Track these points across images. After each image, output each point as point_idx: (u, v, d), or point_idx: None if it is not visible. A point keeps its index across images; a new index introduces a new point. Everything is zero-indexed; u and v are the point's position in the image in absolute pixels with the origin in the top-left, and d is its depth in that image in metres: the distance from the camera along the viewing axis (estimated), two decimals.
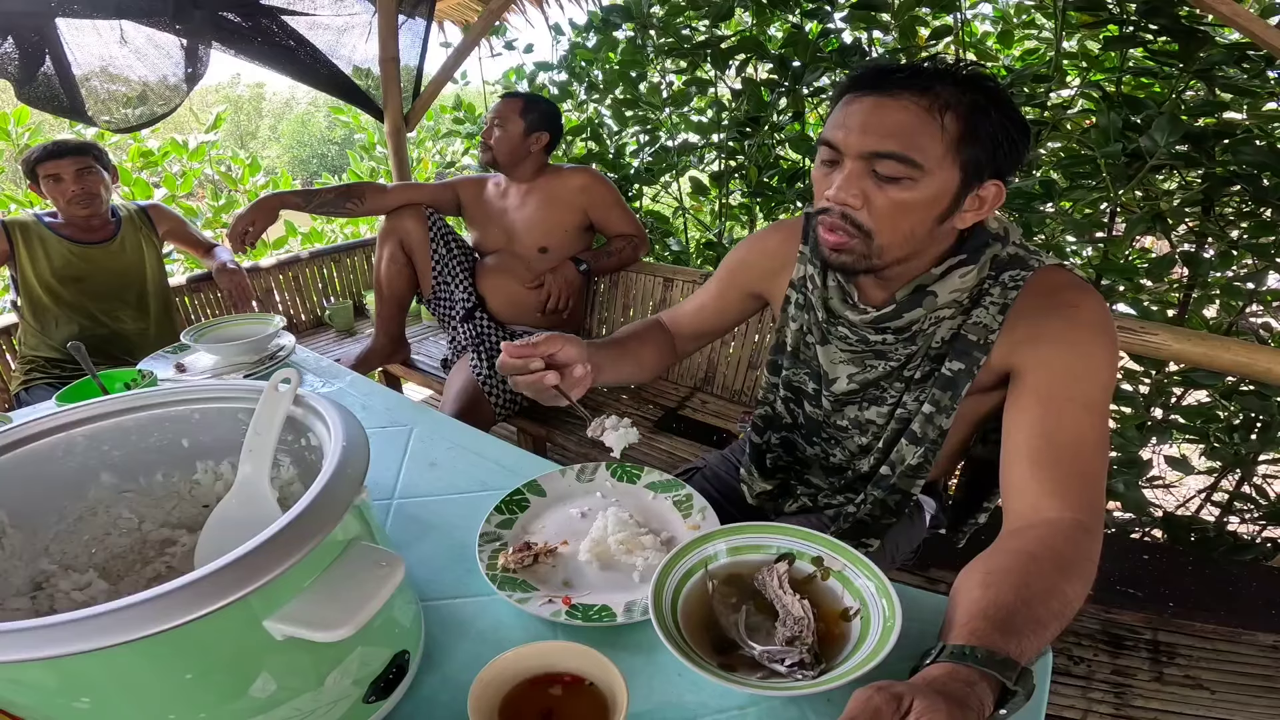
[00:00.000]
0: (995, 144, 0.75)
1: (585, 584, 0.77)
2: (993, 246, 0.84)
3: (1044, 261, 0.84)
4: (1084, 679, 1.18)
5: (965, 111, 0.74)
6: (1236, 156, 1.46)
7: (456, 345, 2.14)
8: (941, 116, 0.74)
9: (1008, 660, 0.53)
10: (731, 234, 2.69)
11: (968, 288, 0.84)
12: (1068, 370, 0.78)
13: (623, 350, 1.01)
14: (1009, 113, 0.76)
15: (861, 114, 0.76)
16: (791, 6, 2.11)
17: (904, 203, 0.76)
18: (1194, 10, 1.46)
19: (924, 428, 0.91)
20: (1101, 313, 0.80)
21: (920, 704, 0.48)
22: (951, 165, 0.75)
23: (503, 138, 1.96)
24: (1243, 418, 1.69)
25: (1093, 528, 0.70)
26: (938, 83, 0.74)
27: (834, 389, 0.98)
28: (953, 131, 0.74)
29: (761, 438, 1.13)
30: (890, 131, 0.74)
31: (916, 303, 0.85)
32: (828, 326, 0.95)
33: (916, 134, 0.74)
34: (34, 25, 1.90)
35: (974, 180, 0.77)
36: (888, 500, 0.98)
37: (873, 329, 0.89)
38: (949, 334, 0.87)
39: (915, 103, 0.74)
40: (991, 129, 0.75)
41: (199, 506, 0.75)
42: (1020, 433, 0.78)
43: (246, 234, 1.87)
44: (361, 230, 3.85)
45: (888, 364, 0.92)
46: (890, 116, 0.74)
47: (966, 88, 0.75)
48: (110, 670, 0.44)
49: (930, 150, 0.74)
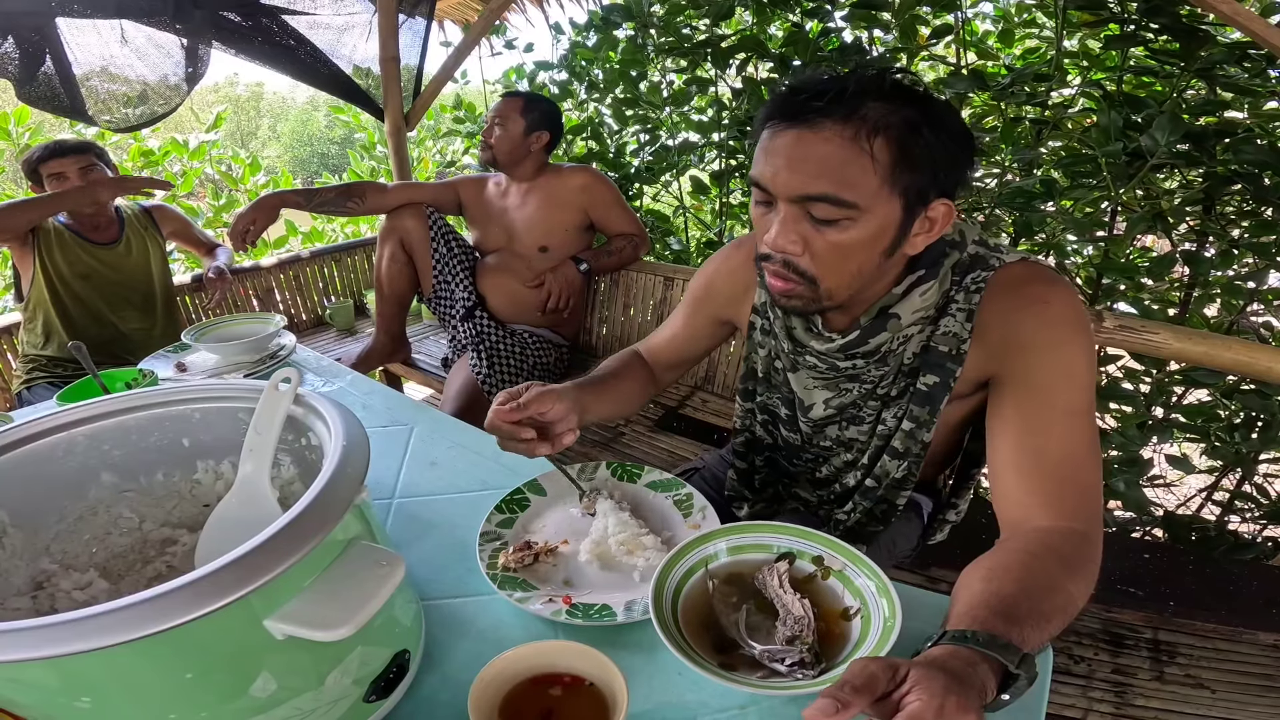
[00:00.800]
0: (933, 164, 0.69)
1: (585, 583, 0.77)
2: (950, 255, 0.80)
3: (1004, 259, 0.80)
4: (1084, 678, 1.18)
5: (896, 135, 0.67)
6: (1237, 155, 1.46)
7: (457, 344, 2.14)
8: (870, 145, 0.67)
9: (1009, 645, 0.52)
10: (732, 233, 2.69)
11: (931, 303, 0.81)
12: (1046, 377, 0.75)
13: (604, 388, 0.98)
14: (946, 125, 0.70)
15: (786, 150, 0.70)
16: (792, 5, 2.10)
17: (844, 244, 0.71)
18: (1195, 9, 1.46)
19: (905, 443, 0.90)
20: (1072, 305, 0.77)
21: (916, 673, 0.47)
22: (889, 196, 0.69)
23: (503, 137, 1.96)
24: (1243, 417, 1.69)
25: (1091, 534, 0.69)
26: (863, 103, 0.67)
27: (811, 415, 0.96)
28: (884, 160, 0.67)
29: (746, 462, 1.12)
30: (818, 171, 0.68)
31: (881, 326, 0.82)
32: (794, 356, 0.93)
33: (846, 169, 0.67)
34: (34, 25, 1.90)
35: (917, 205, 0.71)
36: (875, 510, 0.98)
37: (841, 355, 0.86)
38: (919, 347, 0.85)
39: (839, 133, 0.67)
40: (928, 148, 0.68)
41: (199, 506, 0.75)
42: (1006, 444, 0.76)
43: (247, 233, 1.88)
44: (362, 229, 3.85)
45: (862, 386, 0.90)
46: (815, 151, 0.68)
47: (895, 103, 0.68)
48: (111, 670, 0.44)
49: (864, 185, 0.68)
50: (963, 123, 0.73)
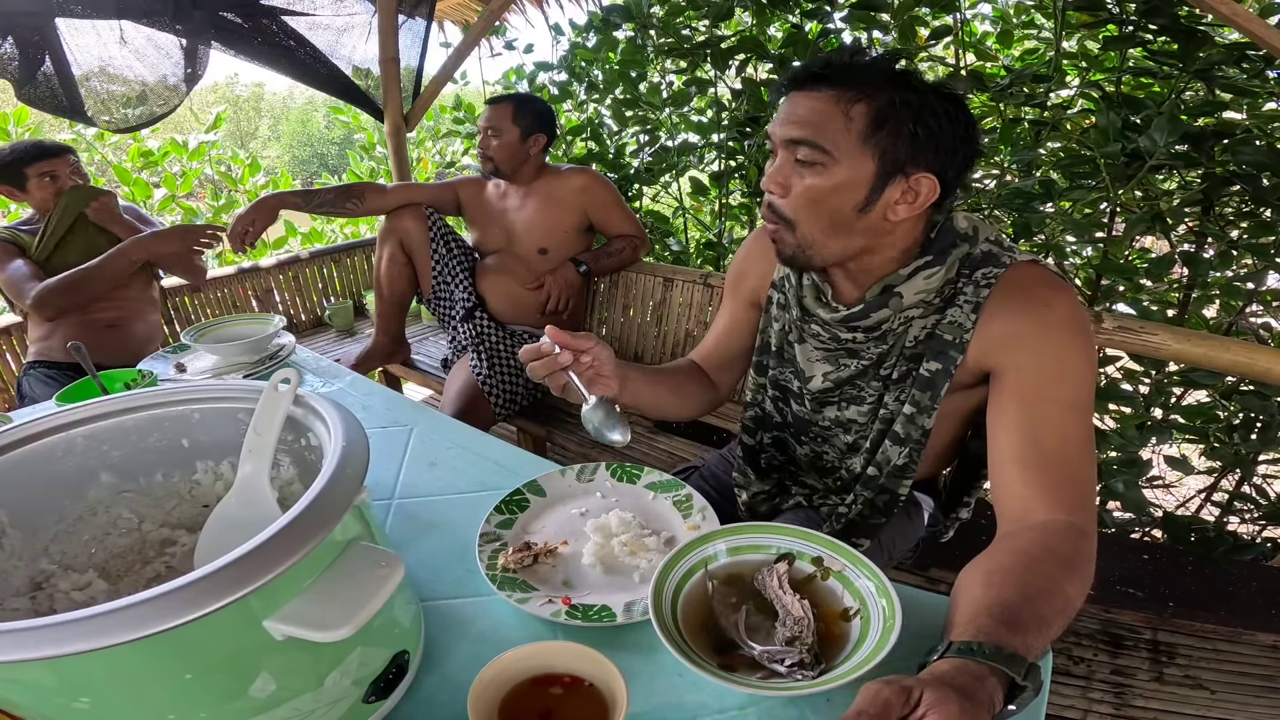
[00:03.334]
0: (912, 136, 0.77)
1: (585, 584, 0.77)
2: (960, 247, 0.84)
3: (1016, 258, 0.84)
4: (1084, 679, 1.18)
5: (876, 105, 0.77)
6: (1236, 156, 1.46)
7: (456, 345, 2.14)
8: (849, 108, 0.77)
9: (1015, 655, 0.53)
10: (731, 234, 2.69)
11: (933, 289, 0.85)
12: (1046, 372, 0.78)
13: (652, 373, 1.00)
14: (935, 108, 0.77)
15: (786, 106, 0.81)
16: (791, 6, 2.10)
17: (816, 189, 0.80)
18: (1193, 10, 1.46)
19: (906, 428, 0.91)
20: (1075, 310, 0.80)
21: (930, 696, 0.48)
22: (862, 155, 0.78)
23: (500, 146, 1.95)
24: (1243, 417, 1.69)
25: (1087, 529, 0.70)
26: (854, 76, 0.78)
27: (810, 387, 0.99)
28: (859, 122, 0.77)
29: (754, 439, 1.13)
30: (802, 120, 0.79)
31: (884, 303, 0.86)
32: (802, 325, 0.96)
33: (827, 122, 0.77)
34: (34, 25, 1.90)
35: (894, 173, 0.78)
36: (876, 500, 0.99)
37: (844, 327, 0.91)
38: (923, 333, 0.88)
39: (827, 96, 0.78)
40: (907, 121, 0.76)
41: (199, 506, 0.75)
42: (1005, 436, 0.78)
43: (247, 234, 1.87)
44: (361, 230, 3.85)
45: (860, 362, 0.93)
46: (805, 105, 0.79)
47: (883, 82, 0.77)
48: (110, 670, 0.44)
49: (839, 139, 0.77)
50: (963, 113, 0.79)
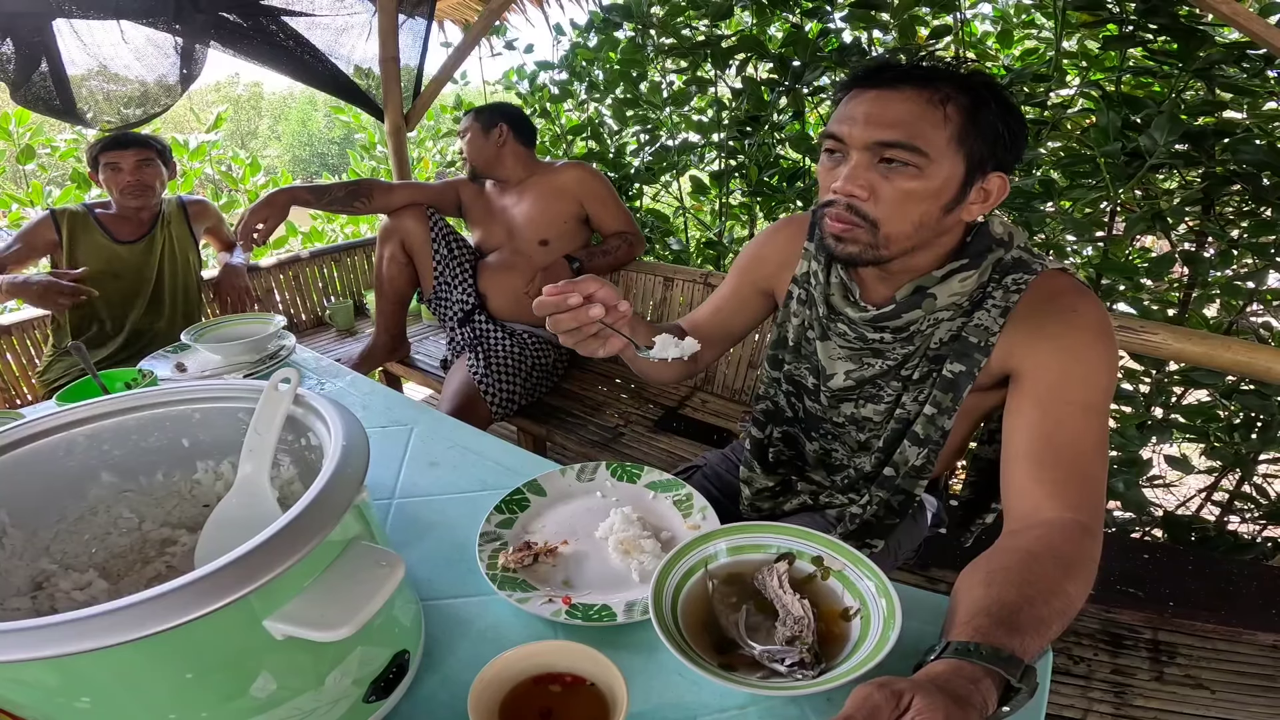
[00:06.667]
0: (996, 135, 0.77)
1: (585, 583, 0.77)
2: (995, 251, 0.85)
3: (1047, 266, 0.85)
4: (1084, 678, 1.18)
5: (966, 104, 0.76)
6: (1236, 156, 1.46)
7: (455, 346, 2.14)
8: (944, 107, 0.76)
9: (1012, 657, 0.53)
10: (731, 233, 2.69)
11: (967, 291, 0.85)
12: (1066, 373, 0.78)
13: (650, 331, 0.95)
14: (1007, 106, 0.78)
15: (865, 106, 0.78)
16: (791, 6, 2.11)
17: (912, 191, 0.77)
18: (1193, 9, 1.46)
19: (926, 429, 0.91)
20: (1100, 316, 0.81)
21: (920, 701, 0.48)
22: (955, 155, 0.77)
23: (469, 145, 2.07)
24: (1243, 417, 1.69)
25: (1093, 529, 0.70)
26: (938, 77, 0.77)
27: (831, 384, 0.98)
28: (955, 121, 0.76)
29: (764, 432, 1.13)
30: (895, 121, 0.76)
31: (916, 304, 0.86)
32: (828, 322, 0.96)
33: (921, 123, 0.75)
34: (33, 25, 1.91)
35: (976, 171, 0.79)
36: (891, 501, 0.99)
37: (871, 327, 0.90)
38: (949, 335, 0.88)
39: (918, 95, 0.76)
40: (992, 120, 0.77)
41: (199, 506, 0.75)
42: (1020, 435, 0.79)
43: (257, 231, 1.84)
44: (362, 230, 3.85)
45: (885, 362, 0.93)
46: (895, 107, 0.76)
47: (966, 83, 0.78)
48: (111, 670, 0.44)
49: (935, 139, 0.76)
50: (1018, 107, 0.80)
